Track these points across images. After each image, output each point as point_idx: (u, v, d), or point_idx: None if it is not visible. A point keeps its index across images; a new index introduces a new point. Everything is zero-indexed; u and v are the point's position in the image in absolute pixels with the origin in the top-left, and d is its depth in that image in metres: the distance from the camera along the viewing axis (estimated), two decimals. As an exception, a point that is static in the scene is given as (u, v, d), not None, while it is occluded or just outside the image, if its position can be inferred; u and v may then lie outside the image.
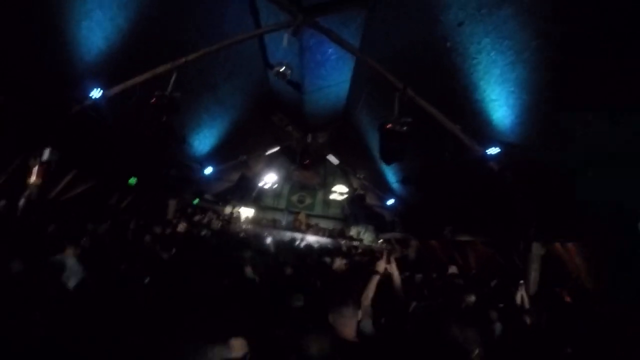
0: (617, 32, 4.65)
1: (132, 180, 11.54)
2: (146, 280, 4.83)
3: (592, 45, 4.99)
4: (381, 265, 4.34)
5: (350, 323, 2.95)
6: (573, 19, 5.05)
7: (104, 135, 9.33)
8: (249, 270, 5.18)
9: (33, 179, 8.08)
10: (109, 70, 7.99)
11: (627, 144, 5.35)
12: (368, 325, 3.49)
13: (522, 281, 5.96)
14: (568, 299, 6.97)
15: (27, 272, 3.85)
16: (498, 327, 4.92)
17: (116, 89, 8.13)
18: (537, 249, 7.40)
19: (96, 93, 7.97)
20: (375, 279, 4.14)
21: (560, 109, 6.03)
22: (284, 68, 9.32)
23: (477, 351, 2.67)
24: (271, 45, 11.18)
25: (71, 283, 3.99)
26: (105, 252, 5.46)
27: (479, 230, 9.97)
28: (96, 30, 7.21)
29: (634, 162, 5.35)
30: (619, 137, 5.41)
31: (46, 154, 8.05)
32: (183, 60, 8.04)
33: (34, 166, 8.06)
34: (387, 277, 4.38)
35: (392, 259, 4.47)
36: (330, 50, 10.82)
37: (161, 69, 7.98)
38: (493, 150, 7.32)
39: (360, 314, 3.06)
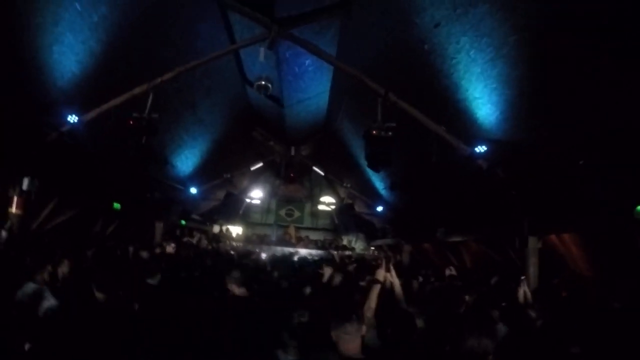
0: (598, 25, 4.63)
1: (117, 206, 11.26)
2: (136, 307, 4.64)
3: (571, 36, 4.98)
4: (381, 274, 4.20)
5: (354, 339, 2.80)
6: (550, 12, 5.04)
7: (83, 161, 9.09)
8: (242, 290, 5.00)
9: (13, 209, 7.82)
10: (84, 94, 7.79)
11: (615, 130, 5.33)
12: (373, 338, 3.34)
13: (523, 277, 5.86)
14: (564, 293, 6.89)
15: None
16: (501, 327, 4.80)
17: (92, 113, 7.91)
18: (533, 243, 7.32)
19: (72, 118, 7.73)
20: (377, 288, 4.01)
21: (545, 102, 6.02)
22: (264, 82, 9.21)
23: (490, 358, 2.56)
24: (248, 60, 11.09)
25: (40, 310, 3.86)
26: (88, 279, 5.27)
27: (471, 229, 9.90)
28: (68, 54, 7.02)
29: (624, 149, 5.33)
30: (607, 123, 5.39)
31: (25, 184, 7.77)
32: (159, 80, 7.89)
33: (14, 196, 7.80)
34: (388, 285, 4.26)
35: (392, 267, 4.35)
36: (307, 62, 10.77)
37: (137, 90, 7.81)
38: (480, 148, 7.26)
39: (364, 328, 2.91)
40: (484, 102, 6.98)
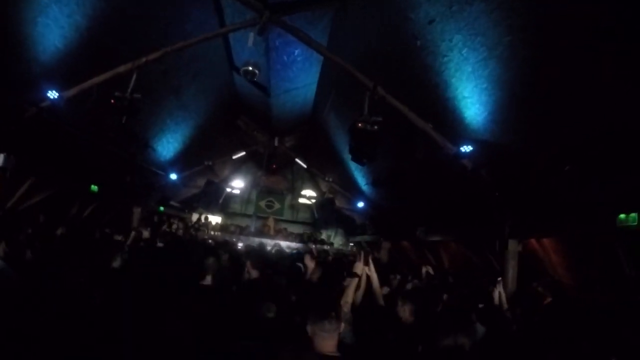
0: (594, 30, 4.60)
1: (94, 188, 10.98)
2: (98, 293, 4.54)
3: (568, 40, 4.95)
4: (359, 267, 4.12)
5: (331, 336, 2.71)
6: (546, 13, 5.00)
7: (62, 139, 8.84)
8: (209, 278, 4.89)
9: (-13, 187, 7.59)
10: (66, 70, 7.57)
11: (601, 138, 5.32)
12: (349, 335, 3.25)
13: (499, 278, 5.84)
14: (546, 300, 6.89)
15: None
16: (479, 328, 4.79)
17: (74, 90, 7.64)
18: (513, 246, 7.31)
19: (53, 94, 7.45)
20: (354, 282, 3.93)
21: (534, 105, 5.99)
22: (252, 67, 9.04)
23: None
24: (237, 46, 10.93)
25: None
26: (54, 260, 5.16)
27: (452, 229, 9.90)
28: (52, 27, 6.81)
29: (610, 157, 5.33)
30: (594, 130, 5.38)
31: (0, 160, 7.52)
32: (144, 60, 7.66)
33: (-12, 173, 7.56)
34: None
35: (370, 261, 4.26)
36: (297, 51, 10.64)
37: (121, 68, 7.55)
38: (466, 148, 7.22)
39: (342, 325, 2.82)
40: (473, 102, 6.94)
